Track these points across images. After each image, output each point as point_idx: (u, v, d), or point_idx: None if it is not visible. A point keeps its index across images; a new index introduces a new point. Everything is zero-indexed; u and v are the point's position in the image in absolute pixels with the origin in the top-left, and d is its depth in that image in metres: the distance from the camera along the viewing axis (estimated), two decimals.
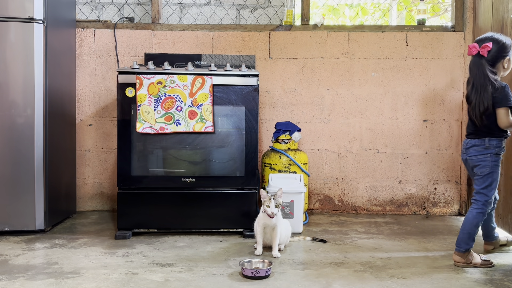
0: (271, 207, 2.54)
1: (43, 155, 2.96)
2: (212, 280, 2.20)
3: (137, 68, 2.94)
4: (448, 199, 3.73)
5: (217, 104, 2.96)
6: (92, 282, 2.15)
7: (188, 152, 2.99)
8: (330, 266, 2.41)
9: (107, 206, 3.74)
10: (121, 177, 2.93)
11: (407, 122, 3.71)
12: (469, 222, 2.42)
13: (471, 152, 2.45)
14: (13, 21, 2.88)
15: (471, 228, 2.41)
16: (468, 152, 2.46)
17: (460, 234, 2.44)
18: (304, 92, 3.72)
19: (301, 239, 2.90)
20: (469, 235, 2.41)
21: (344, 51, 3.71)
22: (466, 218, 2.45)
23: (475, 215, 2.41)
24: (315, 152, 3.74)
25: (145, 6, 3.91)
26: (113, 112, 3.69)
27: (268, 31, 3.70)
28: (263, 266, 2.31)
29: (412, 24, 3.86)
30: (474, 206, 2.43)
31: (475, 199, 2.44)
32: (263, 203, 2.58)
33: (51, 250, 2.65)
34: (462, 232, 2.43)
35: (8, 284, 2.12)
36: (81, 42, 3.69)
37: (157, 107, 2.89)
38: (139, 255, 2.57)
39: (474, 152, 2.43)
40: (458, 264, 2.42)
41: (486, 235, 2.66)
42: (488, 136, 2.41)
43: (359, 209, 3.75)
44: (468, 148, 2.47)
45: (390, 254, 2.65)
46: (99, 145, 3.72)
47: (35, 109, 2.92)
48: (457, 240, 2.45)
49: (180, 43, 3.71)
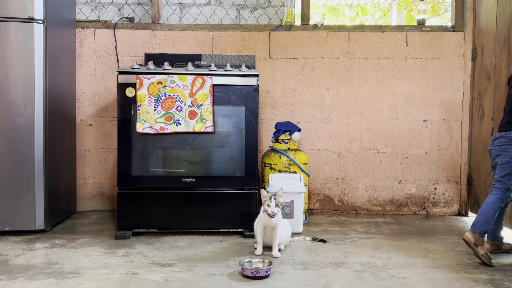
0: (271, 206, 2.54)
1: (43, 155, 2.96)
2: (212, 280, 2.20)
3: (137, 68, 2.94)
4: (448, 199, 3.73)
5: (217, 104, 2.96)
6: (92, 282, 2.15)
7: (188, 152, 2.99)
8: (330, 266, 2.41)
9: (107, 206, 3.74)
10: (121, 177, 2.93)
11: (407, 122, 3.71)
12: (487, 206, 2.53)
13: (496, 143, 2.59)
14: (13, 21, 2.88)
15: (489, 212, 2.51)
16: (494, 143, 2.61)
17: (478, 216, 2.54)
18: (304, 92, 3.72)
19: (301, 239, 2.90)
20: (486, 218, 2.50)
21: (344, 51, 3.71)
22: (485, 202, 2.56)
23: (494, 200, 2.52)
24: (315, 152, 3.74)
25: (145, 6, 3.91)
26: (113, 112, 3.69)
27: (268, 31, 3.71)
28: (263, 266, 2.31)
29: (412, 24, 3.86)
30: (493, 193, 2.55)
31: (494, 187, 2.56)
32: (263, 202, 2.58)
33: (51, 250, 2.65)
34: (480, 215, 2.53)
35: (8, 284, 2.12)
36: (81, 42, 3.69)
37: (157, 107, 2.89)
38: (139, 255, 2.57)
39: (499, 142, 2.57)
40: (467, 239, 2.49)
41: (492, 233, 2.70)
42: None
43: (359, 209, 3.75)
44: (495, 140, 2.61)
45: (390, 254, 2.65)
46: (99, 145, 3.72)
47: (35, 109, 2.92)
48: (474, 222, 2.54)
49: (180, 43, 3.71)
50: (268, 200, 2.56)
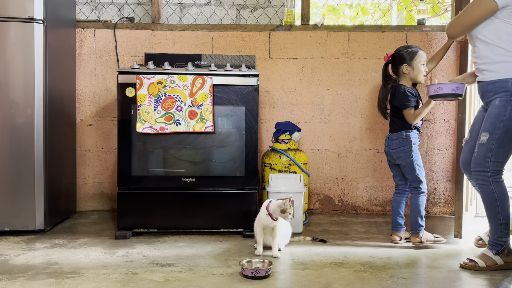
0: (291, 213, 2.52)
1: (43, 155, 2.96)
2: (212, 280, 2.20)
3: (137, 68, 2.94)
4: (448, 199, 3.72)
5: (217, 104, 2.96)
6: (92, 282, 2.16)
7: (188, 152, 2.99)
8: (330, 266, 2.41)
9: (107, 206, 3.74)
10: (121, 177, 2.93)
11: None
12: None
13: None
14: (13, 21, 2.88)
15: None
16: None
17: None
18: (304, 92, 3.72)
19: (301, 239, 2.90)
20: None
21: (344, 51, 3.71)
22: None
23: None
24: (315, 152, 3.74)
25: (145, 6, 3.91)
26: (113, 112, 3.69)
27: (268, 31, 3.70)
28: (263, 266, 2.31)
29: (412, 24, 3.85)
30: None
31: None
32: (283, 211, 2.51)
33: (51, 250, 2.65)
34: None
35: (8, 284, 2.12)
36: (81, 42, 3.69)
37: (157, 107, 2.89)
38: (139, 255, 2.57)
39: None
40: (415, 243, 2.79)
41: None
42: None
43: (359, 209, 3.75)
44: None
45: (390, 254, 2.65)
46: (99, 145, 3.72)
47: (35, 109, 2.92)
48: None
49: (180, 43, 3.71)
50: (289, 208, 2.51)
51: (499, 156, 2.34)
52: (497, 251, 2.37)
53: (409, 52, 2.81)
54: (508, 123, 2.32)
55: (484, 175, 2.37)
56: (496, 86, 2.37)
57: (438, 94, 2.57)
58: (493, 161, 2.35)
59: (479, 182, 2.41)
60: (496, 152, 2.33)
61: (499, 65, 2.35)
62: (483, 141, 2.38)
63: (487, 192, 2.38)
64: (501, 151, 2.33)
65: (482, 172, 2.38)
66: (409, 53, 2.81)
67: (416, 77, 2.83)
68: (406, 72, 2.83)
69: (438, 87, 2.56)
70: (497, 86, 2.37)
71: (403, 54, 2.83)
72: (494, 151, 2.34)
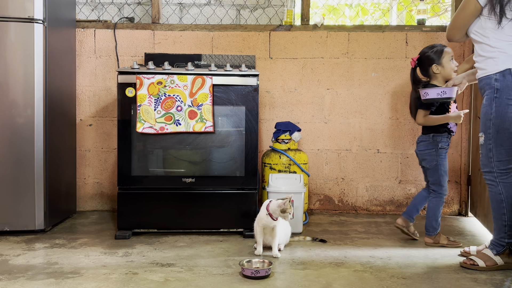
0: (291, 213, 2.53)
1: (43, 155, 2.96)
2: (212, 280, 2.20)
3: (137, 68, 2.94)
4: (448, 199, 3.72)
5: (217, 104, 2.96)
6: (92, 282, 2.16)
7: (188, 152, 2.99)
8: (330, 266, 2.41)
9: (107, 206, 3.74)
10: (121, 177, 2.93)
11: (407, 122, 3.71)
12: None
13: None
14: (13, 21, 2.88)
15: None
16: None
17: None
18: (304, 92, 3.72)
19: (301, 239, 2.90)
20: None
21: (344, 51, 3.71)
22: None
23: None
24: (315, 152, 3.74)
25: (145, 6, 3.91)
26: (113, 112, 3.69)
27: (268, 31, 3.71)
28: (263, 266, 2.31)
29: (412, 24, 3.85)
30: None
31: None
32: (283, 211, 2.52)
33: (51, 250, 2.65)
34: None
35: (8, 284, 2.12)
36: (81, 42, 3.69)
37: (157, 107, 2.89)
38: (139, 255, 2.57)
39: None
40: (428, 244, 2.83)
41: (410, 212, 2.95)
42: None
43: (359, 209, 3.75)
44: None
45: (390, 254, 2.65)
46: (99, 145, 3.72)
47: (35, 109, 2.92)
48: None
49: (180, 43, 3.71)
50: (289, 208, 2.51)
51: (501, 155, 2.32)
52: (498, 252, 2.37)
53: (435, 51, 2.76)
54: (497, 121, 2.29)
55: (492, 175, 2.36)
56: (483, 83, 2.36)
57: (426, 99, 2.66)
58: (496, 161, 2.33)
59: (487, 182, 2.39)
60: (497, 152, 2.33)
61: (486, 62, 2.34)
62: (481, 142, 2.37)
63: (494, 193, 2.36)
64: (501, 150, 2.32)
65: (489, 172, 2.37)
66: (435, 52, 2.75)
67: (448, 74, 2.77)
68: (437, 72, 2.76)
69: (425, 92, 2.65)
70: (484, 83, 2.36)
71: (430, 55, 2.77)
72: (494, 151, 2.33)
